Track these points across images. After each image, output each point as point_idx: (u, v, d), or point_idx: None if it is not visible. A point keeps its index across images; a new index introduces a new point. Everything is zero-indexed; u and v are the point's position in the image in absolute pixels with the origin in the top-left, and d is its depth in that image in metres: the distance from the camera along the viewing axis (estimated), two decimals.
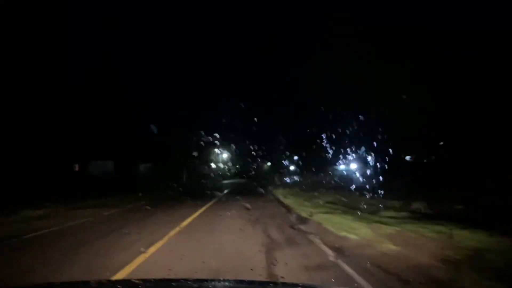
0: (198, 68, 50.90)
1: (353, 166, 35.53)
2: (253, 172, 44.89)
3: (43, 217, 10.05)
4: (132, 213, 11.34)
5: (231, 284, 2.24)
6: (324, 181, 27.67)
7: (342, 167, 37.57)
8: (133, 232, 7.07)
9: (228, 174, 47.94)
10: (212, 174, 44.94)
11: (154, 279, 2.30)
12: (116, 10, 38.43)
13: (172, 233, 6.86)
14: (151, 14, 42.77)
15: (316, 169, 34.24)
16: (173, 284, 2.04)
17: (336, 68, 16.75)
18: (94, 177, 29.06)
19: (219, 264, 4.43)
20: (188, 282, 2.06)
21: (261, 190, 20.27)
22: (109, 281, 3.23)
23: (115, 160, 33.18)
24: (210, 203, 13.29)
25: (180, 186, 26.60)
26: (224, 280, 2.67)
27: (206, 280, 2.69)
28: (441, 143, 19.93)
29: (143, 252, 5.15)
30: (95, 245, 5.91)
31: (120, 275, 4.07)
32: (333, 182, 25.71)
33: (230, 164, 49.38)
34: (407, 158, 24.83)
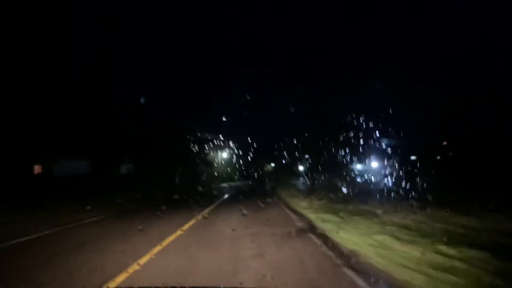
0: (197, 61, 44.02)
1: (374, 164, 29.56)
2: (255, 174, 37.73)
3: None
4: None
5: None
6: (345, 184, 21.20)
7: (358, 166, 31.67)
8: None
9: (228, 175, 40.80)
10: (210, 176, 37.84)
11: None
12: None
13: None
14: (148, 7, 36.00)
15: (330, 169, 28.36)
16: None
17: None
18: (61, 179, 22.02)
19: None
20: None
21: (271, 200, 13.18)
22: None
23: (92, 160, 26.12)
24: (172, 237, 6.19)
25: (163, 192, 19.51)
26: None
27: None
28: (445, 143, 19.97)
29: None
30: None
31: None
32: (348, 186, 19.36)
33: (230, 164, 42.23)
34: (412, 158, 24.49)
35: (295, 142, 33.97)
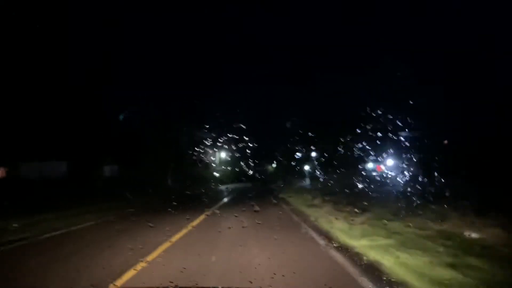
0: (196, 61, 39.97)
1: (390, 162, 25.89)
2: (257, 175, 33.72)
3: None
4: None
5: None
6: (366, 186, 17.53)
7: (370, 165, 28.08)
8: None
9: (227, 176, 36.84)
10: (207, 177, 33.78)
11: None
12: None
13: None
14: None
15: (342, 169, 24.88)
16: None
17: None
18: (30, 183, 18.04)
19: None
20: None
21: (281, 211, 9.22)
22: None
23: (71, 161, 22.17)
24: None
25: (144, 198, 15.50)
26: None
27: None
28: (446, 141, 18.00)
29: None
30: None
31: None
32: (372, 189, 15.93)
33: (229, 165, 38.19)
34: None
35: (298, 140, 30.50)
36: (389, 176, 23.64)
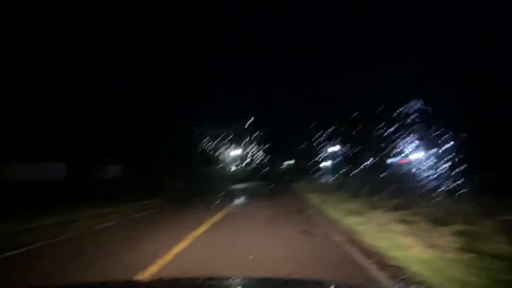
0: (198, 61, 37.93)
1: (416, 155, 24.08)
2: (274, 172, 31.44)
3: None
4: None
5: (241, 281, 1.97)
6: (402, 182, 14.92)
7: (394, 158, 26.13)
8: None
9: (242, 175, 34.53)
10: (219, 177, 31.42)
11: (165, 278, 2.19)
12: None
13: None
14: None
15: (365, 162, 23.34)
16: (183, 282, 1.90)
17: None
18: (20, 187, 16.12)
19: None
20: (198, 280, 1.89)
21: (314, 225, 6.60)
22: (124, 281, 2.82)
23: (69, 162, 20.17)
24: None
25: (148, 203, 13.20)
26: (234, 278, 2.08)
27: (215, 278, 2.22)
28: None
29: None
30: None
31: None
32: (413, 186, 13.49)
33: (243, 163, 35.81)
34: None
35: (315, 136, 28.29)
36: (421, 168, 20.74)
